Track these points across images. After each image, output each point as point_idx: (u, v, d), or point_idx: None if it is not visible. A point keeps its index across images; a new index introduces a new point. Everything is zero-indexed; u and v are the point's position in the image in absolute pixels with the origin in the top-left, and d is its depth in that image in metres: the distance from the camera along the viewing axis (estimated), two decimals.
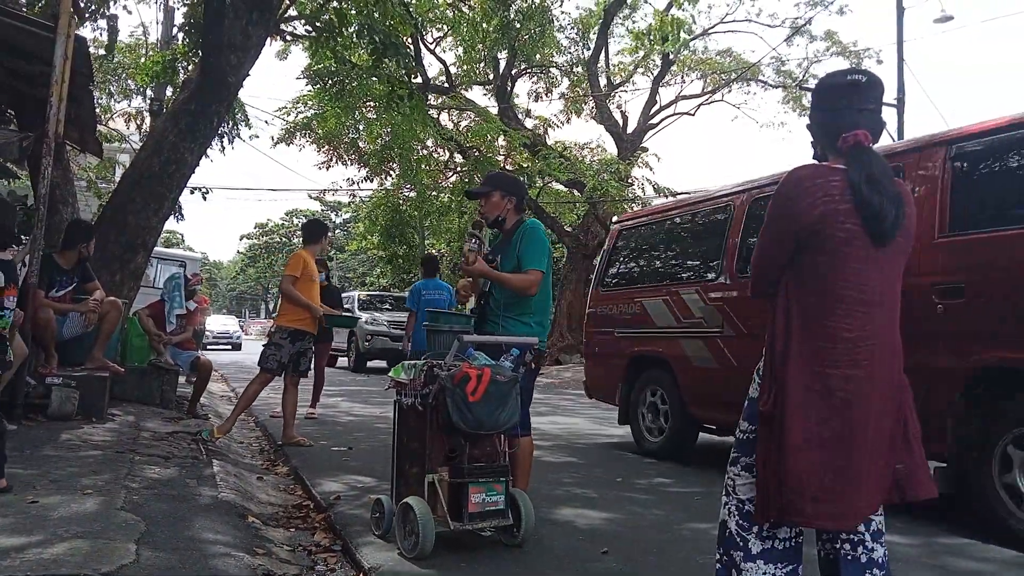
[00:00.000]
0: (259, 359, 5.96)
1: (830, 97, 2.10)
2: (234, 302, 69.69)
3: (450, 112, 21.32)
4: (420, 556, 3.08)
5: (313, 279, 6.06)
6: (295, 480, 4.86)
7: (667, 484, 5.10)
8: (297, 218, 59.94)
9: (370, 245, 29.28)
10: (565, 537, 3.61)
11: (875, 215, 1.95)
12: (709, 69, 21.10)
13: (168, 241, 37.02)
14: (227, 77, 7.20)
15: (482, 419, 3.16)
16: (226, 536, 3.08)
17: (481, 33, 16.67)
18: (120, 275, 6.97)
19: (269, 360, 5.88)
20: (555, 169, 17.37)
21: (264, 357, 5.90)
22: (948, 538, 3.89)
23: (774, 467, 1.95)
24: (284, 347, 5.90)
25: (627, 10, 20.20)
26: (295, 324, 5.94)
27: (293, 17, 10.05)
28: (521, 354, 3.44)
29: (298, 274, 5.91)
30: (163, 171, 7.21)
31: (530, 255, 3.59)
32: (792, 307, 2.01)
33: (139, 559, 2.60)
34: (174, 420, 6.12)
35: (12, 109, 7.39)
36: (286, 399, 6.05)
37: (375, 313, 16.72)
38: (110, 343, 6.06)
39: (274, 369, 5.90)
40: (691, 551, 3.45)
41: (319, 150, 21.08)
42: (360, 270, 42.54)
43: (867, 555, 2.04)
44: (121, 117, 16.94)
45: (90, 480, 3.64)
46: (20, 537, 2.71)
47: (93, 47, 13.33)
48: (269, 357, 5.88)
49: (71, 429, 4.87)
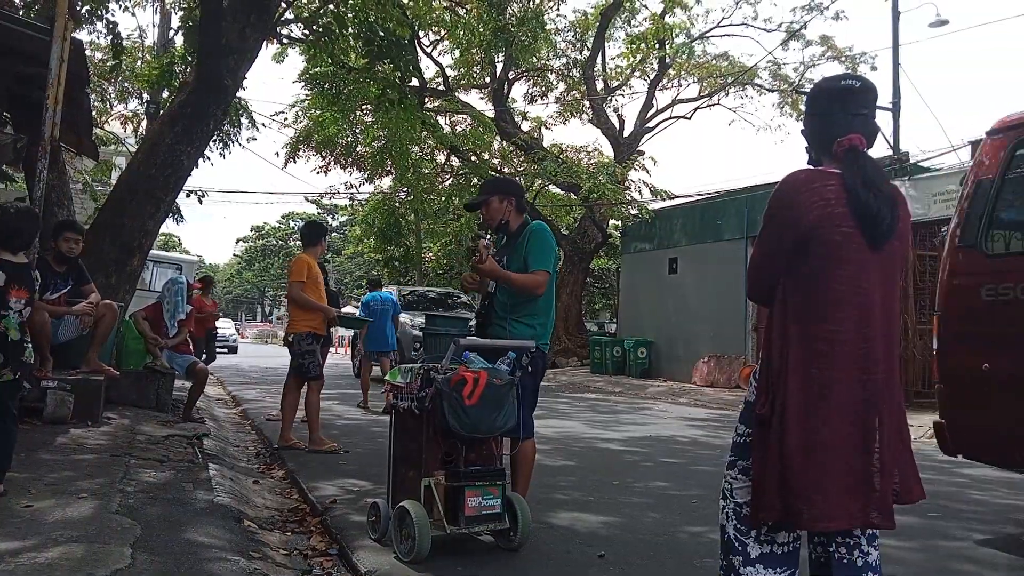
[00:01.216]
0: (299, 372, 5.94)
1: (824, 102, 2.11)
2: (230, 305, 69.55)
3: (446, 115, 21.34)
4: (416, 560, 3.07)
5: (318, 282, 6.09)
6: (291, 484, 4.85)
7: (664, 488, 5.10)
8: (294, 221, 59.90)
9: (366, 248, 29.27)
10: (562, 541, 3.61)
11: (871, 218, 1.96)
12: (705, 73, 21.15)
13: (165, 244, 36.97)
14: (223, 80, 7.20)
15: (478, 423, 3.16)
16: (222, 540, 3.07)
17: (477, 36, 16.69)
18: (116, 278, 6.95)
19: (311, 369, 5.94)
20: (551, 172, 17.39)
21: (304, 369, 5.92)
22: (948, 542, 3.90)
23: (773, 470, 1.95)
24: (316, 350, 5.99)
25: (625, 14, 20.25)
26: (311, 328, 5.96)
27: (290, 20, 10.06)
28: (517, 357, 3.44)
29: (304, 279, 5.93)
30: (159, 174, 7.20)
31: (536, 256, 3.60)
32: (789, 311, 2.02)
33: (134, 563, 2.59)
34: (170, 424, 6.10)
35: (7, 112, 7.38)
36: (287, 402, 6.06)
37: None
38: (105, 346, 6.04)
39: (320, 374, 6.05)
40: (688, 555, 3.45)
41: (316, 154, 21.09)
42: (357, 273, 42.51)
43: (863, 559, 2.04)
44: (118, 120, 16.91)
45: (85, 484, 3.63)
46: (15, 541, 2.70)
47: (99, 53, 13.36)
48: (309, 366, 5.92)
49: (66, 433, 4.86)
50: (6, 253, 3.38)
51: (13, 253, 3.40)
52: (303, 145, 20.00)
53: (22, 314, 3.37)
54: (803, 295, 2.01)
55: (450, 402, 3.10)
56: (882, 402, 2.00)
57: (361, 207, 26.07)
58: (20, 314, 3.35)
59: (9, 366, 3.29)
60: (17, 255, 3.42)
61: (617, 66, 21.70)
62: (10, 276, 3.30)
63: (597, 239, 20.36)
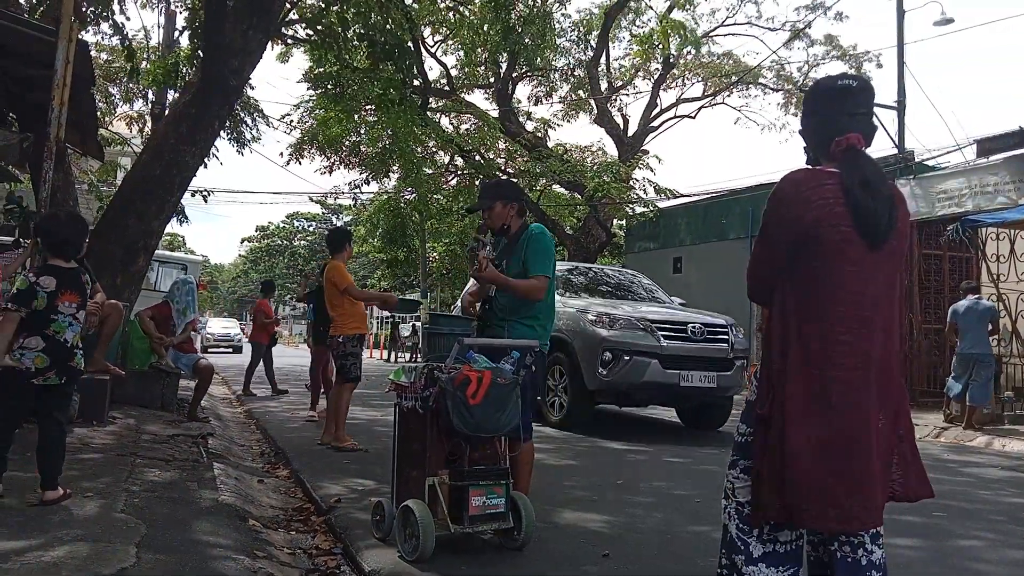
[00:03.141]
0: (340, 372, 6.18)
1: (822, 103, 2.12)
2: (235, 305, 69.68)
3: (451, 115, 21.34)
4: (421, 559, 3.08)
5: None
6: (295, 483, 4.86)
7: (668, 487, 5.09)
8: (298, 221, 59.99)
9: (370, 248, 29.30)
10: (566, 540, 3.61)
11: (869, 217, 1.96)
12: (709, 72, 21.11)
13: (170, 244, 37.05)
14: (228, 81, 7.21)
15: (482, 422, 3.16)
16: (227, 539, 3.08)
17: (482, 37, 16.69)
18: (121, 278, 6.97)
19: (351, 370, 6.11)
20: (555, 171, 17.38)
21: (346, 369, 6.11)
22: (955, 541, 3.89)
23: (775, 470, 1.95)
24: (358, 353, 6.22)
25: (630, 15, 20.23)
26: (356, 330, 6.21)
27: (294, 21, 10.08)
28: (521, 356, 3.44)
29: (351, 280, 6.24)
30: (164, 174, 7.22)
31: (536, 261, 3.61)
32: (789, 311, 2.02)
33: (139, 562, 2.60)
34: (175, 423, 6.12)
35: (13, 112, 7.41)
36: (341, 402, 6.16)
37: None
38: (111, 346, 6.07)
39: (359, 377, 6.20)
40: (692, 554, 3.45)
41: (320, 154, 21.11)
42: (361, 273, 42.57)
43: (867, 557, 2.04)
44: (123, 120, 16.97)
45: (91, 483, 3.65)
46: (20, 540, 2.71)
47: (104, 54, 13.40)
48: (350, 367, 6.11)
49: (72, 432, 4.86)
50: (59, 260, 3.43)
51: (66, 261, 3.44)
52: (308, 145, 20.02)
53: (76, 318, 3.41)
54: (802, 295, 2.01)
55: (454, 401, 3.11)
56: (883, 401, 2.00)
57: (365, 207, 26.08)
58: (74, 318, 3.39)
59: (55, 369, 3.32)
60: (69, 261, 3.46)
61: (621, 66, 21.70)
62: (61, 281, 3.36)
63: (601, 238, 20.33)
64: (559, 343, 7.65)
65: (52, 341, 3.31)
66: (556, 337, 7.24)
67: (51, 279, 3.33)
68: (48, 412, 3.37)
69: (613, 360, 7.37)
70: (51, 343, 3.31)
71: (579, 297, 8.63)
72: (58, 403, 3.42)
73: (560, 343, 7.69)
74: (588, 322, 7.69)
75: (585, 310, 7.86)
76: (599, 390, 7.61)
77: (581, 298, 8.56)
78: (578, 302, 8.21)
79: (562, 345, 7.71)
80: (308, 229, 60.13)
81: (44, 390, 3.33)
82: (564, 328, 7.64)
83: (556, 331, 6.96)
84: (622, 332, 7.50)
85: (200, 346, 12.19)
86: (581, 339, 7.67)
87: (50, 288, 3.32)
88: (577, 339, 7.71)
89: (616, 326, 7.56)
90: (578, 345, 7.68)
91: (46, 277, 3.33)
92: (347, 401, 6.17)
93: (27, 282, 3.29)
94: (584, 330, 7.68)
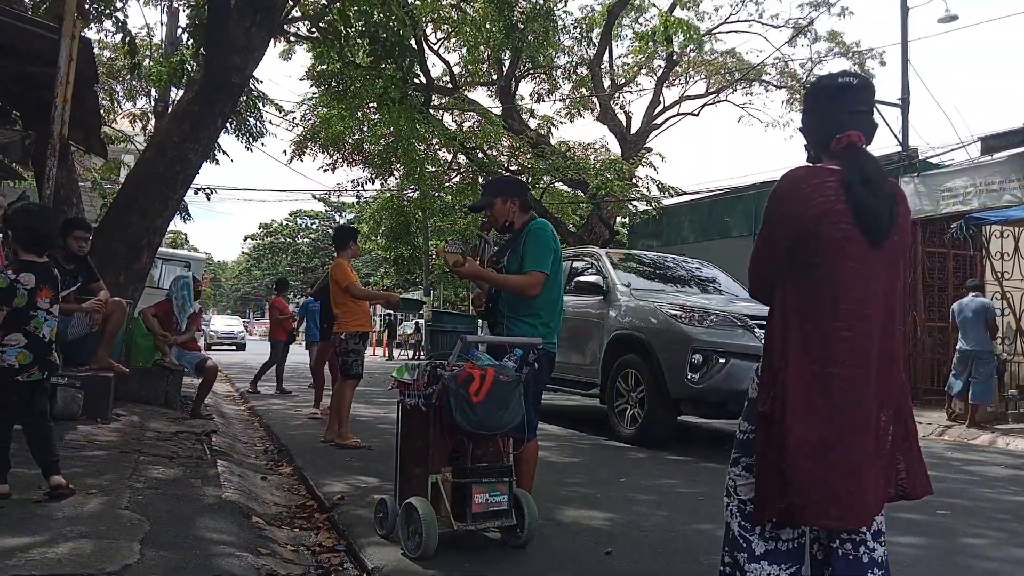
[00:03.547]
0: (342, 369, 6.20)
1: (822, 100, 2.12)
2: (238, 302, 69.76)
3: (453, 113, 21.33)
4: (423, 556, 3.08)
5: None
6: (299, 480, 4.87)
7: (672, 485, 5.09)
8: (301, 219, 60.02)
9: (374, 246, 29.31)
10: (569, 537, 3.61)
11: (870, 215, 1.96)
12: (713, 70, 21.07)
13: (173, 242, 37.10)
14: (231, 78, 7.22)
15: (485, 419, 3.16)
16: (230, 536, 3.08)
17: (484, 34, 16.66)
18: (124, 275, 6.99)
19: (353, 368, 6.14)
20: (558, 168, 17.35)
21: (348, 366, 6.14)
22: (958, 539, 3.89)
23: (776, 468, 1.95)
24: (360, 350, 6.22)
25: (633, 13, 20.19)
26: (358, 327, 6.24)
27: (297, 18, 10.08)
28: (524, 354, 3.44)
29: (354, 278, 6.26)
30: (167, 172, 7.23)
31: (532, 256, 3.58)
32: (790, 308, 2.02)
33: (143, 559, 2.61)
34: (178, 420, 6.13)
35: (16, 110, 7.42)
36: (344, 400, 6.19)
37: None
38: (114, 343, 6.08)
39: (361, 374, 6.24)
40: (695, 552, 3.45)
41: (323, 152, 21.11)
42: (364, 271, 42.57)
43: (868, 555, 2.03)
44: (126, 118, 16.98)
45: (94, 480, 3.65)
46: (24, 537, 2.72)
47: (108, 51, 13.41)
48: (352, 364, 6.14)
49: (76, 429, 4.89)
50: (32, 255, 3.43)
51: (39, 256, 3.45)
52: (310, 143, 20.01)
53: (51, 312, 3.42)
54: (803, 292, 2.01)
55: (457, 399, 3.11)
56: (884, 398, 1.99)
57: (367, 205, 26.07)
58: (48, 312, 3.40)
59: (37, 365, 3.33)
60: (42, 256, 3.47)
61: (624, 63, 21.66)
62: (39, 277, 3.37)
63: (604, 236, 20.31)
64: (630, 342, 6.87)
65: (32, 337, 3.32)
66: (627, 336, 6.78)
67: (30, 276, 3.33)
68: (32, 408, 3.38)
69: (704, 363, 6.22)
70: (32, 339, 3.31)
71: (650, 289, 7.50)
72: (40, 398, 3.43)
73: (630, 342, 6.86)
74: (669, 317, 6.60)
75: (662, 304, 6.84)
76: (687, 399, 6.42)
77: (653, 290, 7.48)
78: (653, 296, 7.19)
79: (636, 345, 6.82)
80: (311, 227, 60.19)
81: (28, 387, 3.33)
82: (640, 326, 6.81)
83: (631, 328, 6.58)
84: (715, 330, 6.37)
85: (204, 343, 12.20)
86: (662, 338, 6.56)
87: (30, 285, 3.32)
88: (657, 338, 6.60)
89: (707, 323, 6.43)
90: (658, 345, 6.57)
91: (25, 274, 3.33)
92: (349, 398, 6.19)
93: (7, 280, 3.28)
94: (667, 327, 6.56)
